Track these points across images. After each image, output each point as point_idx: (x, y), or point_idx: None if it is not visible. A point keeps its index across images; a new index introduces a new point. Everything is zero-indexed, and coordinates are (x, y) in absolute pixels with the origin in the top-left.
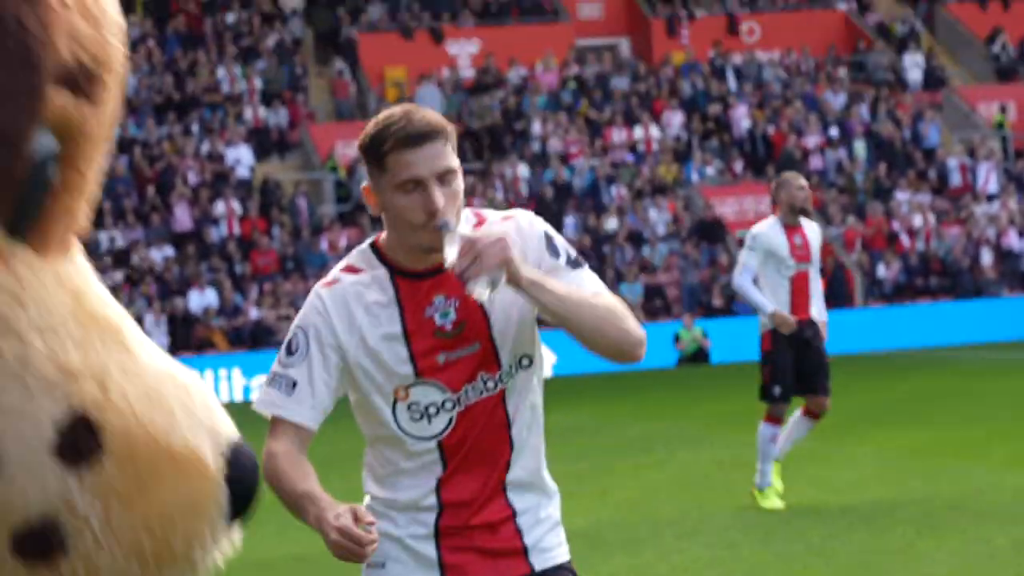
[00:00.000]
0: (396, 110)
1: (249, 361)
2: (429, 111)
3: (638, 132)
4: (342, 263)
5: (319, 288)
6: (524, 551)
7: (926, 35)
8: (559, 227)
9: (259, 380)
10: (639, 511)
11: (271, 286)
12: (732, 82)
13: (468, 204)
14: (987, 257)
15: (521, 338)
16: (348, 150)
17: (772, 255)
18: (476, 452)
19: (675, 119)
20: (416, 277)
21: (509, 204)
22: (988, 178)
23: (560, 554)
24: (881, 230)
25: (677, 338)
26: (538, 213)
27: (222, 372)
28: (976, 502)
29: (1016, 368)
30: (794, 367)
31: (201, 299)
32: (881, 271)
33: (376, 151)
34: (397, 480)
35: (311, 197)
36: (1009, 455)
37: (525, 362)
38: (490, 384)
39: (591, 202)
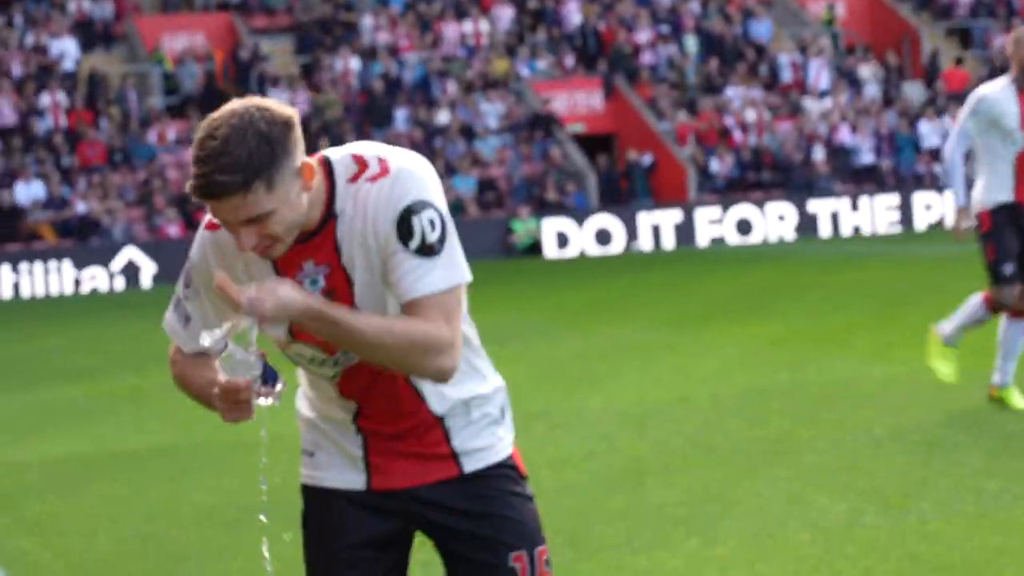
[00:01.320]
0: (207, 139)
1: (78, 253)
2: (247, 138)
3: (468, 26)
4: None
5: (205, 229)
6: (453, 455)
7: None
8: (389, 121)
9: (89, 272)
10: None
11: (99, 178)
12: None
13: (343, 99)
14: (819, 153)
15: (382, 302)
16: (174, 43)
17: (997, 123)
18: (379, 394)
19: (505, 13)
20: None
21: (341, 98)
22: (819, 75)
23: (495, 453)
24: (713, 125)
25: (510, 230)
26: (369, 108)
27: (51, 264)
28: (846, 392)
29: (860, 261)
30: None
31: (28, 191)
32: (714, 166)
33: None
34: (314, 391)
35: (138, 89)
36: (871, 346)
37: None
38: None
39: (421, 96)
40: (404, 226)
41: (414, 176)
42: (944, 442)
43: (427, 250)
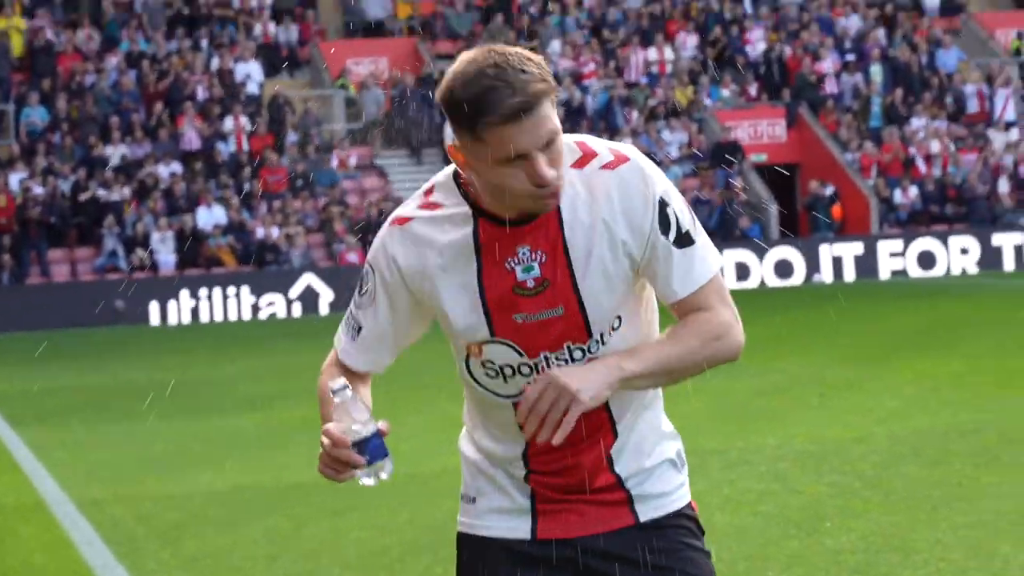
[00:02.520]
0: (488, 64)
1: (257, 279)
2: (526, 61)
3: (652, 54)
4: (420, 194)
5: (391, 225)
6: (629, 501)
7: None
8: None
9: (267, 299)
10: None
11: (280, 204)
12: (748, 4)
13: None
14: (1004, 185)
15: (614, 301)
16: (358, 68)
17: None
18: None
19: (689, 41)
20: (502, 222)
21: None
22: (1006, 105)
23: (672, 500)
24: (897, 156)
25: None
26: None
27: (230, 290)
28: None
29: None
30: None
31: (209, 216)
32: (897, 197)
33: (471, 122)
34: (483, 430)
35: (321, 115)
36: None
37: (617, 323)
38: (577, 355)
39: (604, 123)
40: (663, 218)
41: (654, 167)
42: None
43: (687, 240)
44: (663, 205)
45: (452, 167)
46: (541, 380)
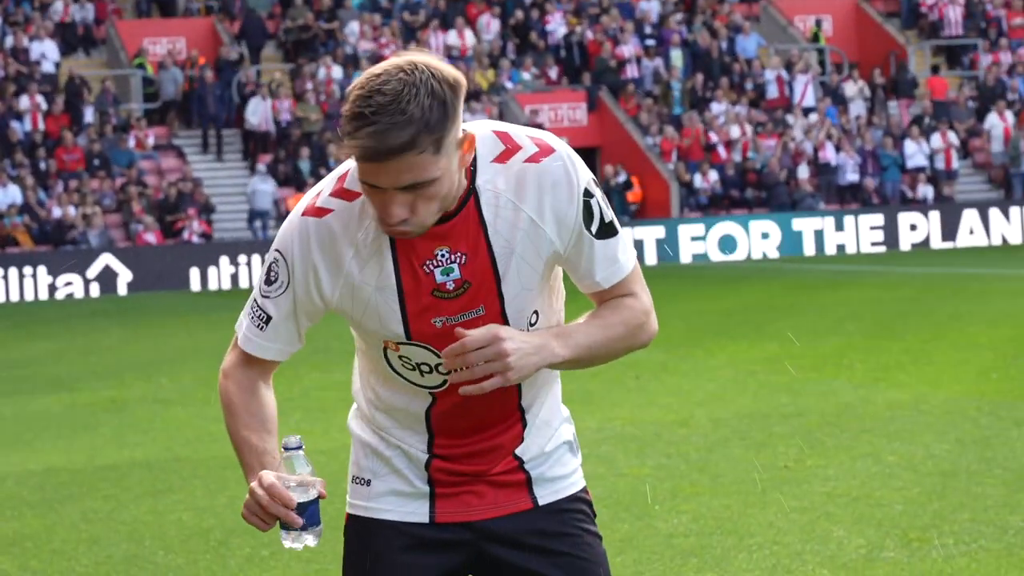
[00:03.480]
0: (382, 87)
1: (54, 259)
2: (421, 96)
3: (452, 37)
4: (332, 182)
5: (304, 217)
6: (528, 484)
7: None
8: None
9: (64, 279)
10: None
11: (76, 183)
12: None
13: (274, 108)
14: (804, 171)
15: (533, 297)
16: (156, 47)
17: None
18: (474, 410)
19: (490, 24)
20: None
21: (321, 106)
22: (805, 91)
23: (569, 484)
24: (698, 141)
25: None
26: None
27: (26, 270)
28: (851, 418)
29: (847, 281)
30: None
31: (4, 196)
32: (698, 181)
33: (344, 134)
34: (384, 411)
35: (118, 94)
36: (871, 370)
37: (534, 318)
38: None
39: None
40: (587, 210)
41: (576, 158)
42: (959, 472)
43: (611, 231)
44: (587, 196)
45: None
46: (487, 332)
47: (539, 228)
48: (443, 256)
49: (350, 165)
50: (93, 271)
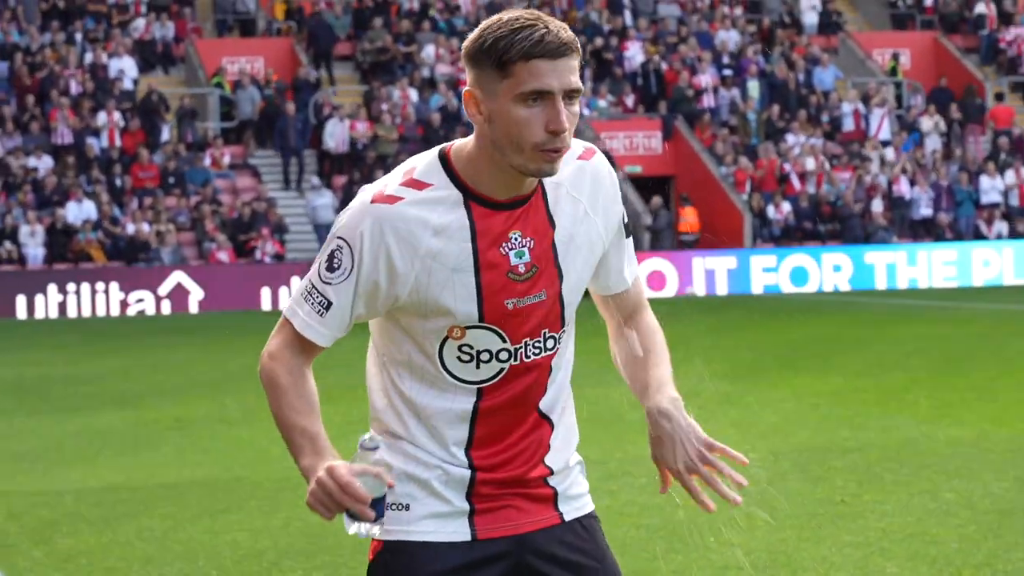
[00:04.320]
0: (522, 15)
1: (126, 275)
2: (558, 21)
3: None
4: (401, 174)
5: (374, 204)
6: (555, 499)
7: None
8: None
9: (136, 296)
10: None
11: (151, 201)
12: (627, 16)
13: (352, 128)
14: (878, 204)
15: (582, 288)
16: (233, 66)
17: None
18: (515, 408)
19: None
20: (493, 206)
21: (397, 128)
22: (881, 125)
23: (586, 502)
24: (772, 172)
25: None
26: (425, 139)
27: (99, 286)
28: (911, 454)
29: (918, 316)
30: None
31: (79, 211)
32: (771, 212)
33: (499, 55)
34: (421, 430)
35: (195, 112)
36: (935, 406)
37: (572, 315)
38: (550, 343)
39: None
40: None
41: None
42: (1016, 510)
43: (630, 230)
44: (623, 197)
45: (438, 149)
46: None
47: (593, 221)
48: (516, 239)
49: (416, 163)
50: (165, 288)
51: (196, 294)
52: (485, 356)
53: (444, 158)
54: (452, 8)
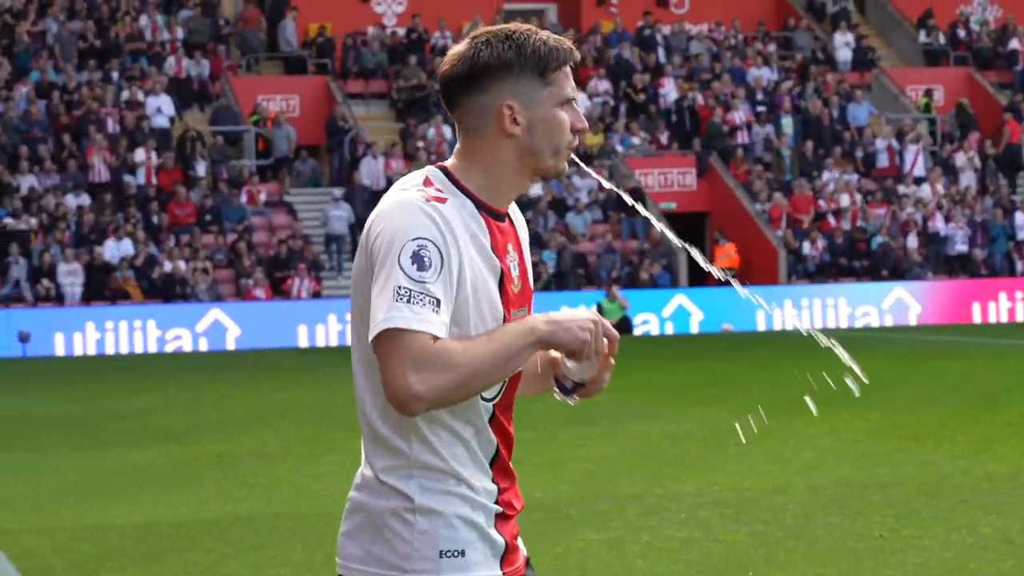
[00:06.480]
0: (527, 27)
1: (163, 313)
2: None
3: None
4: (418, 184)
5: (428, 202)
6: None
7: (856, 15)
8: None
9: (174, 333)
10: (597, 485)
11: (188, 238)
12: (661, 53)
13: (387, 167)
14: (913, 240)
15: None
16: (269, 104)
17: None
18: (508, 423)
19: (602, 87)
20: (498, 218)
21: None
22: (915, 161)
23: None
24: (807, 208)
25: (600, 308)
26: None
27: (136, 323)
28: (949, 489)
29: (953, 352)
30: None
31: (116, 249)
32: (806, 249)
33: (544, 64)
34: (465, 463)
35: (231, 150)
36: (972, 441)
37: None
38: None
39: None
40: None
41: None
42: None
43: None
44: None
45: (428, 168)
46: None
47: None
48: (512, 251)
49: (421, 176)
50: (202, 325)
51: (233, 331)
52: None
53: (448, 174)
54: None
